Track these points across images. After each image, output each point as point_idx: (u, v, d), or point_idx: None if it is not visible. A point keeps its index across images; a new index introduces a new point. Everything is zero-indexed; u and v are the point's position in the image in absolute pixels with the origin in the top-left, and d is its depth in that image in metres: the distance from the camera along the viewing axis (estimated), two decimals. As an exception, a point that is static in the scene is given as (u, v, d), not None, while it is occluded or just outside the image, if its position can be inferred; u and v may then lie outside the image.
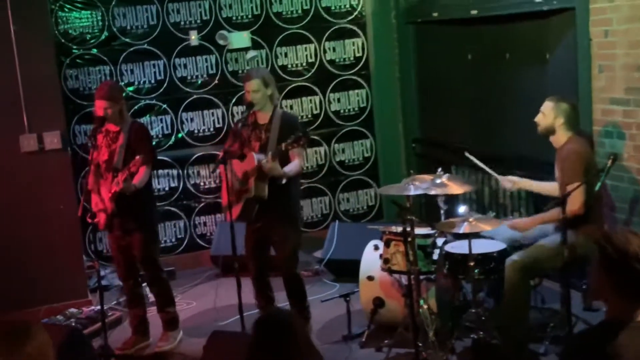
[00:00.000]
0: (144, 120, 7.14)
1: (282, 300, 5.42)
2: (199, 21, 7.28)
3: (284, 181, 5.05)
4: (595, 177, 4.57)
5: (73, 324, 5.70)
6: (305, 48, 7.62)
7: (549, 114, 4.86)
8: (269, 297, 5.41)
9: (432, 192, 4.91)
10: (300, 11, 7.56)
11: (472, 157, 5.49)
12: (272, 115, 5.21)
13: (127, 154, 5.17)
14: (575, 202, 4.58)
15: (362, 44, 7.76)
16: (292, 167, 5.10)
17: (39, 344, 2.42)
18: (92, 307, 6.11)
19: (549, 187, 5.16)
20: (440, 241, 5.07)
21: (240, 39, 7.34)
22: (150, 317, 5.67)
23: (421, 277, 4.86)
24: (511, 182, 5.35)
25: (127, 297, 5.62)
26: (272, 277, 5.44)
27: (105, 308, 5.27)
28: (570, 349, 2.62)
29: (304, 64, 7.64)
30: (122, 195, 5.13)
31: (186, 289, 6.77)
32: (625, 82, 5.08)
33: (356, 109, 7.85)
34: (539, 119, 4.92)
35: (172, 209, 7.37)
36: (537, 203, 5.93)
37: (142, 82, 7.20)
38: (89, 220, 5.30)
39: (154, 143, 7.00)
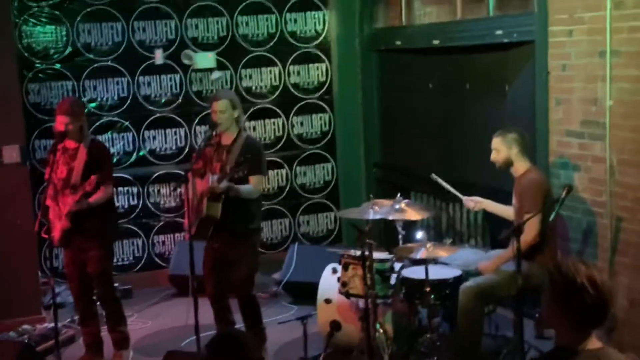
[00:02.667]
0: (106, 136, 7.11)
1: (239, 322, 5.41)
2: (164, 40, 7.29)
3: (233, 194, 5.03)
4: (551, 208, 4.67)
5: (26, 341, 5.61)
6: (270, 71, 7.68)
7: (501, 149, 4.98)
8: (228, 320, 5.39)
9: (391, 217, 4.97)
10: (266, 34, 7.62)
11: (438, 179, 5.58)
12: (235, 138, 5.24)
13: (85, 172, 5.15)
14: (531, 231, 4.67)
15: (326, 68, 7.83)
16: (245, 188, 5.11)
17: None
18: (46, 324, 6.04)
19: (509, 211, 5.24)
20: (397, 266, 5.12)
21: (205, 59, 7.36)
22: (104, 335, 5.61)
23: (378, 301, 4.89)
24: (474, 201, 5.45)
25: (81, 315, 5.55)
26: (231, 299, 5.43)
27: (59, 325, 5.21)
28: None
29: (268, 87, 7.69)
30: (80, 212, 5.11)
31: (142, 307, 6.72)
32: (582, 115, 5.20)
33: (318, 132, 7.91)
34: (493, 157, 5.04)
35: (131, 227, 7.32)
36: (493, 230, 6.03)
37: (105, 98, 7.18)
38: (44, 236, 5.28)
39: (114, 160, 7.01)
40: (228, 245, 5.19)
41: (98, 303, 5.63)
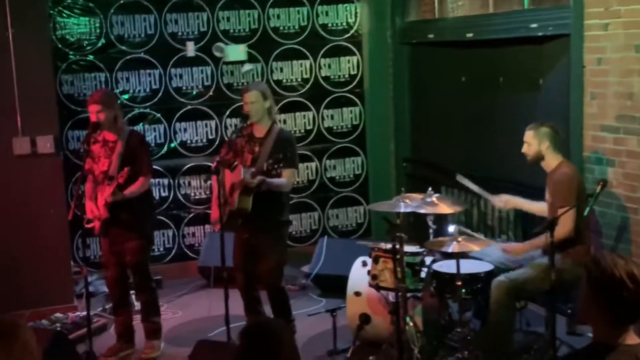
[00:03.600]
0: (138, 128, 7.15)
1: (269, 314, 5.42)
2: (196, 32, 7.32)
3: (258, 184, 5.03)
4: (584, 202, 4.61)
5: (58, 329, 5.67)
6: (301, 64, 7.67)
7: (532, 142, 4.93)
8: (258, 311, 5.41)
9: (422, 211, 4.95)
10: (297, 27, 7.61)
11: (463, 180, 5.55)
12: (268, 130, 5.25)
13: (122, 163, 5.19)
14: (565, 226, 4.62)
15: (358, 61, 7.81)
16: (276, 180, 5.12)
17: (25, 342, 2.42)
18: (78, 313, 6.09)
19: (540, 207, 5.19)
20: (428, 260, 5.10)
21: (236, 51, 7.38)
22: (136, 324, 5.65)
23: (408, 294, 4.88)
24: (503, 201, 5.40)
25: (114, 304, 5.61)
26: (260, 291, 5.45)
27: (91, 314, 5.26)
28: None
29: (299, 80, 7.68)
30: (117, 204, 5.17)
31: (172, 298, 6.76)
32: (617, 110, 5.14)
33: (349, 126, 7.89)
34: (525, 149, 4.99)
35: (162, 218, 7.37)
36: (525, 225, 5.98)
37: (137, 90, 7.22)
38: (85, 225, 5.36)
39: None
40: (258, 236, 5.21)
41: (132, 293, 5.68)
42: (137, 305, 5.80)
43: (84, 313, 5.40)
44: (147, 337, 5.56)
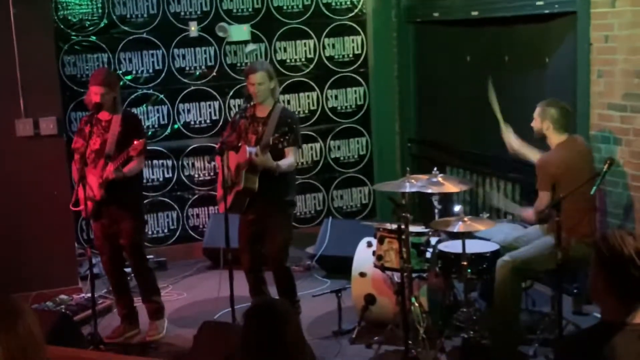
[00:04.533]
0: (141, 109, 7.12)
1: (274, 295, 5.41)
2: (199, 12, 7.26)
3: (276, 174, 5.03)
4: (591, 181, 4.57)
5: (63, 310, 5.67)
6: (305, 43, 7.61)
7: (536, 119, 4.92)
8: (263, 292, 5.40)
9: (428, 191, 4.91)
10: (300, 6, 7.55)
11: (492, 90, 5.46)
12: (271, 110, 5.20)
13: (120, 142, 5.15)
14: (539, 205, 4.71)
15: (362, 41, 7.75)
16: (285, 162, 5.09)
17: (29, 324, 2.40)
18: (83, 295, 6.10)
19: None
20: (434, 240, 5.08)
21: (240, 31, 7.33)
22: (138, 306, 5.65)
23: (414, 275, 4.86)
24: (516, 143, 5.30)
25: (114, 288, 5.59)
26: (266, 272, 5.44)
27: (95, 296, 5.25)
28: (565, 349, 2.61)
29: (303, 60, 7.63)
30: (113, 183, 5.11)
31: (177, 280, 6.76)
32: (624, 88, 5.09)
33: (353, 106, 7.84)
34: (533, 123, 4.96)
35: (166, 199, 7.35)
36: (530, 204, 5.93)
37: (140, 71, 7.18)
38: (73, 209, 5.28)
39: (149, 133, 7.04)
40: (264, 216, 5.19)
41: (131, 274, 5.68)
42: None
43: (89, 295, 5.42)
44: (150, 317, 5.55)
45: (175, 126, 7.33)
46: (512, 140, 5.32)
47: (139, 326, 5.58)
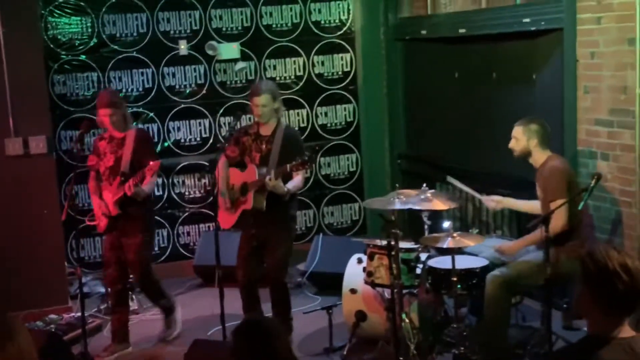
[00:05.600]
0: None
1: (267, 312, 5.42)
2: (188, 31, 7.30)
3: (287, 198, 5.10)
4: (579, 196, 4.61)
5: (53, 330, 5.65)
6: (294, 61, 7.65)
7: (521, 138, 4.93)
8: (257, 309, 5.40)
9: (417, 207, 4.94)
10: (290, 24, 7.59)
11: (454, 181, 5.57)
12: (275, 129, 5.26)
13: (133, 161, 5.31)
14: (558, 220, 4.62)
15: (351, 58, 7.79)
16: (294, 184, 5.16)
17: (20, 345, 2.39)
18: (73, 314, 6.07)
19: (532, 206, 5.20)
20: (424, 256, 5.09)
21: (229, 50, 7.36)
22: (132, 325, 5.64)
23: (404, 291, 4.87)
24: (495, 201, 5.40)
25: (113, 301, 5.61)
26: (260, 289, 5.45)
27: (85, 315, 5.23)
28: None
29: (293, 77, 7.67)
30: (126, 200, 5.26)
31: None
32: (610, 104, 5.13)
33: (343, 123, 7.88)
34: (512, 144, 5.00)
35: (156, 217, 7.33)
36: (520, 220, 5.97)
37: (130, 89, 7.20)
38: (89, 223, 5.54)
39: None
40: (267, 231, 5.23)
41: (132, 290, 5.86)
42: (133, 305, 5.82)
43: (79, 314, 5.39)
44: (164, 314, 5.75)
45: (166, 144, 7.35)
46: (493, 201, 5.40)
47: (130, 345, 5.59)
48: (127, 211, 5.33)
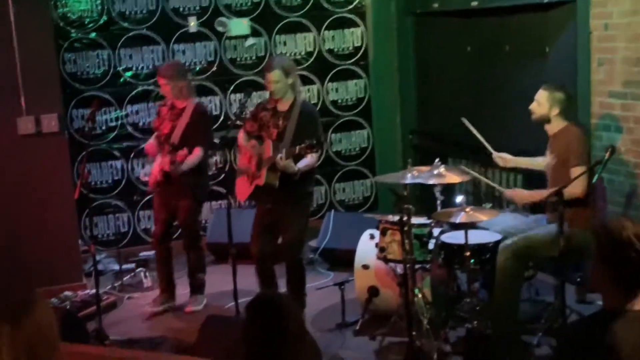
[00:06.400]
0: (142, 106, 7.13)
1: (282, 287, 5.43)
2: (198, 7, 7.26)
3: (297, 177, 5.08)
4: (593, 169, 4.56)
5: (68, 307, 5.69)
6: (305, 37, 7.61)
7: (544, 103, 4.83)
8: (273, 284, 5.39)
9: (430, 182, 4.91)
10: (300, -1, 7.55)
11: (469, 124, 5.46)
12: (292, 104, 5.24)
13: (185, 132, 5.55)
14: (577, 187, 4.54)
15: (362, 33, 7.74)
16: (306, 163, 5.13)
17: (38, 320, 2.36)
18: (87, 291, 6.10)
19: (539, 162, 5.14)
20: (436, 231, 5.08)
21: (239, 26, 7.32)
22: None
23: (416, 266, 4.87)
24: (503, 158, 5.33)
25: (158, 260, 5.91)
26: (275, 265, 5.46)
27: (100, 292, 5.27)
28: (567, 337, 2.62)
29: (303, 53, 7.62)
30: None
31: (181, 275, 6.72)
32: (624, 76, 5.08)
33: (354, 99, 7.84)
34: (533, 107, 4.88)
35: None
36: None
37: (140, 67, 7.18)
38: (142, 178, 5.96)
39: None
40: (282, 207, 5.22)
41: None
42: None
43: (93, 291, 5.42)
44: (192, 291, 5.91)
45: (177, 122, 7.33)
46: (502, 157, 5.32)
47: (175, 299, 5.90)
48: (179, 176, 5.50)
